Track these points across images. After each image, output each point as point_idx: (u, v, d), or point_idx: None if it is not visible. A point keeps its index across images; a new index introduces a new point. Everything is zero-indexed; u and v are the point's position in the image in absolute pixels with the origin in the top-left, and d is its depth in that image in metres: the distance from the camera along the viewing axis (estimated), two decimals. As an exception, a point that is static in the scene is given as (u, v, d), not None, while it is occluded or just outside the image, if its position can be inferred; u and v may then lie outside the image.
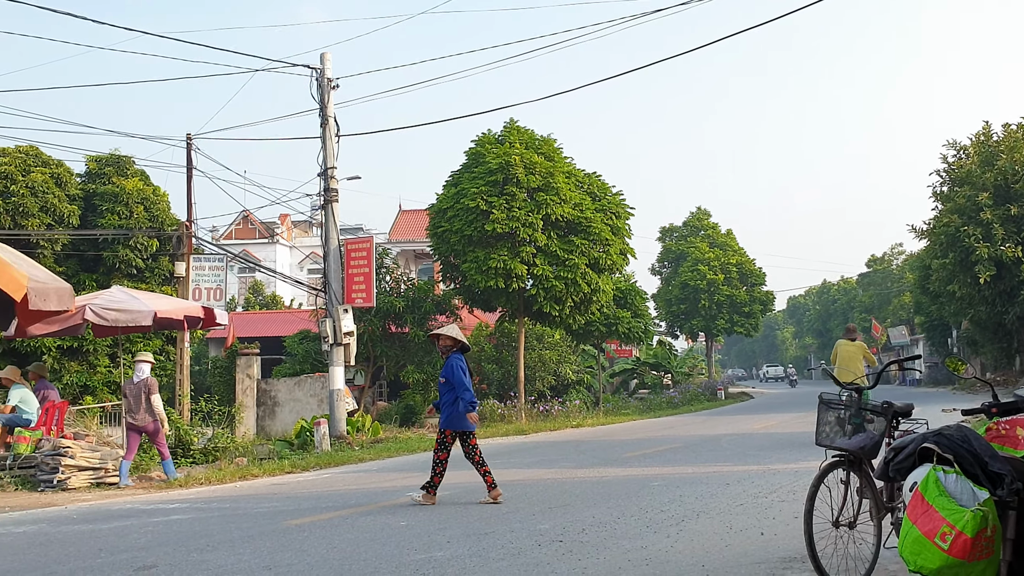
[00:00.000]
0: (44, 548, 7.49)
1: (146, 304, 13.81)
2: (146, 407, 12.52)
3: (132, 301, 13.84)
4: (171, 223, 23.18)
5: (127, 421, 12.76)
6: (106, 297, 13.88)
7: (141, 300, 14.02)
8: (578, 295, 23.16)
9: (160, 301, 14.76)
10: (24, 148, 21.90)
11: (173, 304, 14.98)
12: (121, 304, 13.56)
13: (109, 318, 13.23)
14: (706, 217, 51.23)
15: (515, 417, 23.72)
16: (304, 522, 8.42)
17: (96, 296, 14.11)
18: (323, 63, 19.29)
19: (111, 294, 14.19)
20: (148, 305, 13.77)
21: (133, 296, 14.24)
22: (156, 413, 12.57)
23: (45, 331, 13.54)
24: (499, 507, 9.02)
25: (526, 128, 24.28)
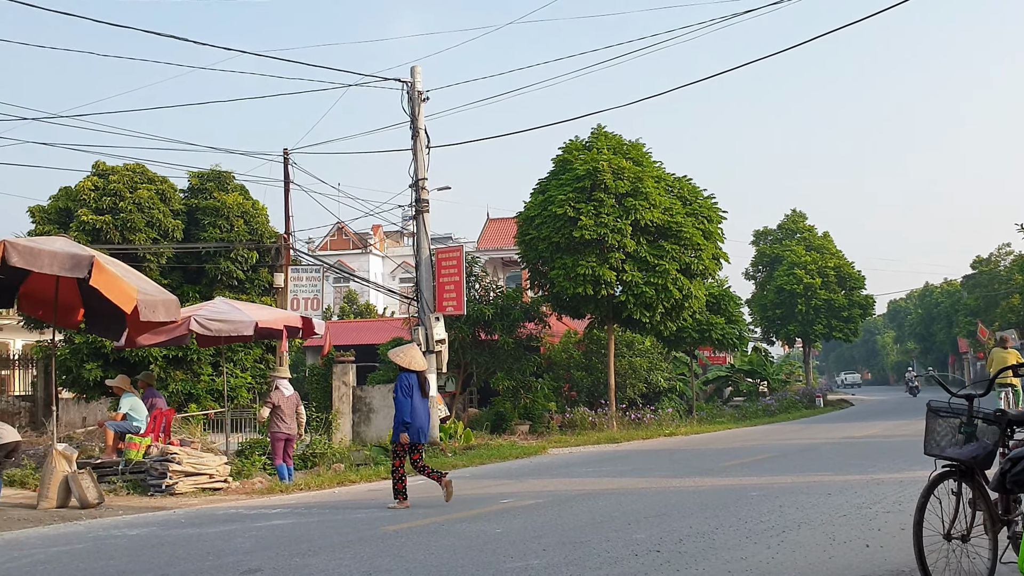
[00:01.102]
0: (156, 550, 7.79)
1: (247, 315, 14.29)
2: (294, 417, 13.64)
3: (234, 312, 14.33)
4: (270, 235, 23.85)
5: (278, 429, 13.57)
6: (210, 308, 14.42)
7: (242, 311, 14.51)
8: (669, 301, 22.87)
9: (260, 311, 15.26)
10: (131, 166, 22.86)
11: (273, 314, 15.46)
12: (224, 315, 14.06)
13: (212, 328, 13.74)
14: (802, 219, 49.97)
15: (606, 425, 23.58)
16: (402, 528, 8.54)
17: (200, 307, 14.66)
18: (413, 76, 19.60)
19: (214, 305, 14.72)
20: (249, 316, 14.25)
21: (235, 307, 14.74)
22: (301, 424, 13.75)
23: (153, 341, 14.14)
24: (594, 516, 8.96)
25: (614, 133, 24.15)
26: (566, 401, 26.19)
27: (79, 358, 20.93)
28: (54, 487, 11.13)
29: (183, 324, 13.30)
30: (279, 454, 13.64)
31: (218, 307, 14.51)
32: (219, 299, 15.77)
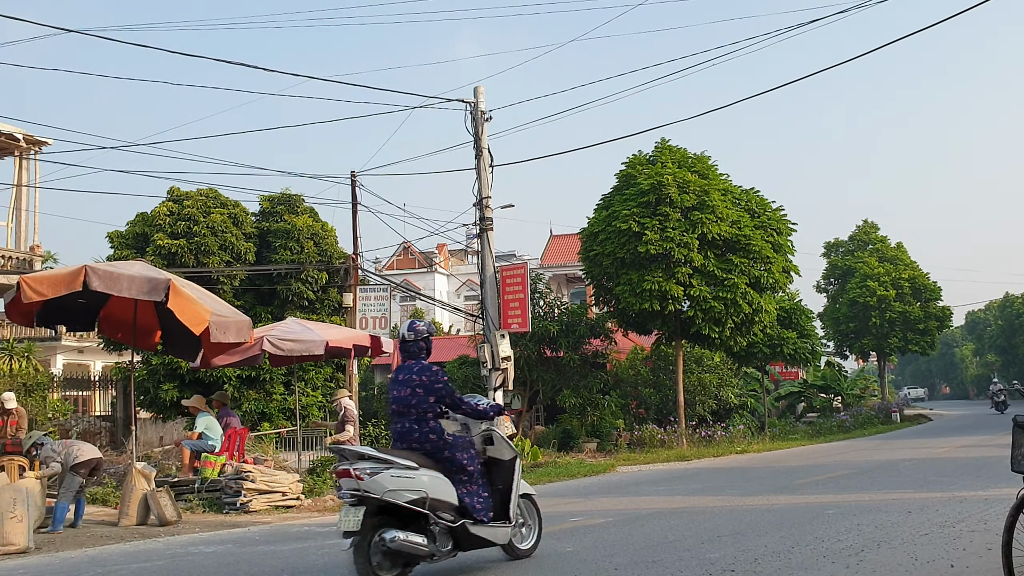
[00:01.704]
0: (232, 568, 7.93)
1: (318, 334, 14.55)
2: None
3: (305, 332, 14.61)
4: (338, 256, 24.25)
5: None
6: (282, 328, 14.73)
7: (314, 331, 14.78)
8: (739, 316, 22.52)
9: (331, 331, 15.53)
10: (204, 191, 23.54)
11: (343, 333, 15.71)
12: (296, 335, 14.35)
13: (285, 348, 14.03)
14: (874, 230, 48.81)
15: (675, 443, 23.27)
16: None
17: (272, 328, 14.99)
18: (476, 97, 19.77)
19: (286, 325, 15.03)
20: (320, 335, 14.51)
21: (306, 327, 15.03)
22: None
23: (227, 361, 14.46)
24: (666, 535, 8.84)
25: (678, 147, 23.94)
26: (634, 418, 25.94)
27: (156, 379, 21.53)
28: (134, 505, 11.43)
29: (257, 344, 13.59)
30: None
31: (290, 327, 14.81)
32: (291, 319, 16.11)
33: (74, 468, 11.02)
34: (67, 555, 9.13)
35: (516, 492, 7.35)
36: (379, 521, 6.38)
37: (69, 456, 11.04)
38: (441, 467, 6.84)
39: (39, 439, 11.43)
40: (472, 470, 6.99)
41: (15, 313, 11.67)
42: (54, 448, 11.20)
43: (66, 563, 8.58)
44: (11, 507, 9.27)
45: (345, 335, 15.54)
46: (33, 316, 12.04)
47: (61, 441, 11.47)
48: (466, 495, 6.87)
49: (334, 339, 14.72)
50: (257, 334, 13.70)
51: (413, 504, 6.44)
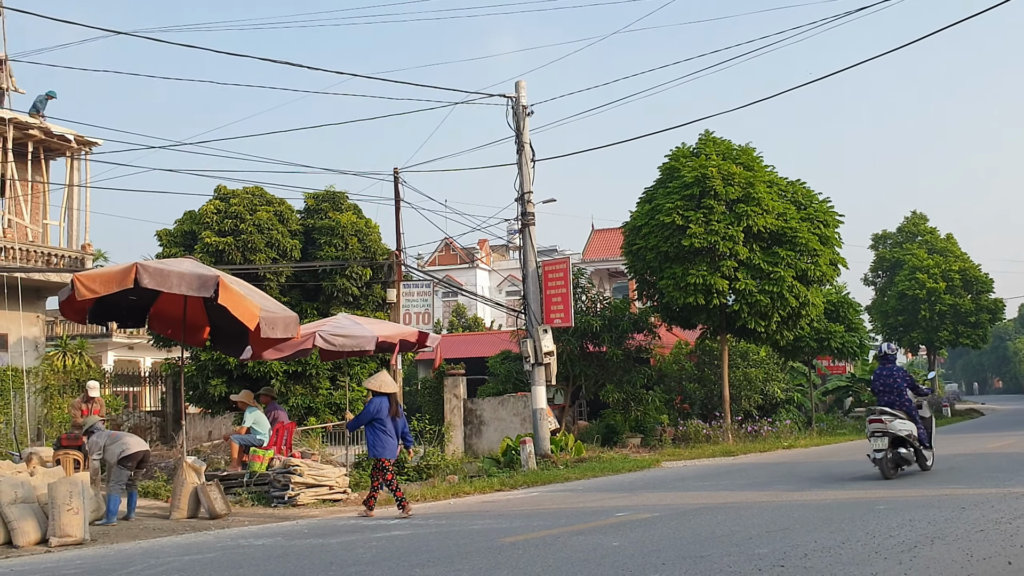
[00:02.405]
0: (281, 560, 8.02)
1: (368, 330, 14.68)
2: None
3: (356, 327, 14.74)
4: (382, 253, 24.41)
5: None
6: (333, 324, 14.87)
7: (364, 326, 14.92)
8: (785, 310, 22.24)
9: (381, 327, 15.66)
10: (251, 189, 23.84)
11: (391, 329, 15.84)
12: (346, 330, 14.48)
13: (336, 343, 14.14)
14: (923, 221, 47.93)
15: (721, 438, 23.07)
16: (518, 540, 8.54)
17: (324, 323, 15.15)
18: (518, 91, 19.75)
19: (337, 321, 15.17)
20: (370, 331, 14.64)
21: (357, 322, 15.17)
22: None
23: (278, 356, 14.62)
24: (713, 530, 8.76)
25: (722, 139, 23.70)
26: (679, 414, 25.76)
27: (205, 375, 21.87)
28: (185, 498, 11.63)
29: (308, 339, 13.71)
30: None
31: (341, 323, 14.94)
32: (342, 315, 16.24)
33: (121, 461, 11.22)
34: (121, 547, 9.32)
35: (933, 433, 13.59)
36: (893, 444, 12.77)
37: (115, 449, 11.25)
38: (909, 419, 13.00)
39: (95, 424, 11.68)
40: (919, 420, 13.16)
41: (69, 310, 11.94)
42: (99, 440, 11.41)
43: (121, 554, 8.75)
44: (67, 499, 9.48)
45: (394, 330, 15.66)
46: (86, 313, 12.30)
47: (109, 433, 11.67)
48: (919, 433, 13.07)
49: (384, 335, 14.83)
50: (308, 329, 13.84)
51: (907, 436, 12.81)
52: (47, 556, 8.84)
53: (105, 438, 11.47)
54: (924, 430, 13.13)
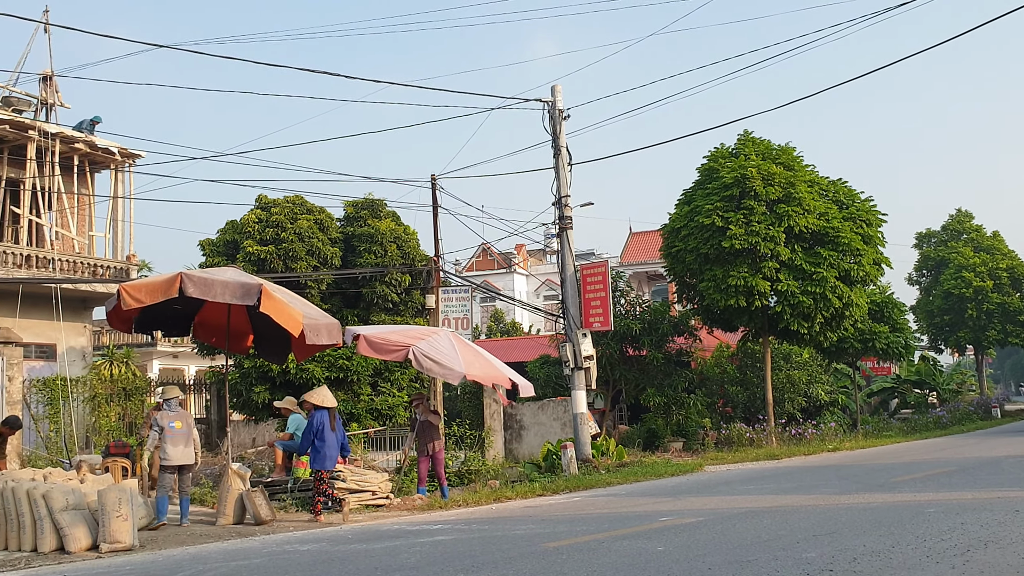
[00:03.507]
0: (327, 566, 8.08)
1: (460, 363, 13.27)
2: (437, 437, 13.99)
3: (451, 355, 13.37)
4: (421, 259, 24.51)
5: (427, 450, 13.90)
6: (431, 343, 13.54)
7: (459, 357, 13.47)
8: (828, 311, 21.94)
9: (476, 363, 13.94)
10: (291, 198, 24.07)
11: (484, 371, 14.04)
12: (441, 356, 13.25)
13: (425, 365, 13.11)
14: (968, 219, 46.94)
15: (764, 441, 22.81)
16: (561, 545, 8.52)
17: (423, 337, 13.77)
18: (554, 96, 19.75)
19: (437, 340, 13.74)
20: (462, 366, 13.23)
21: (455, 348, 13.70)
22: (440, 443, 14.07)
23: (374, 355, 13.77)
24: (759, 534, 8.66)
25: (762, 139, 23.46)
26: (721, 417, 25.51)
27: (248, 382, 22.11)
28: (230, 504, 11.76)
29: (402, 350, 13.23)
30: (425, 474, 14.01)
31: (439, 345, 13.58)
32: (444, 333, 14.58)
33: (164, 468, 11.42)
34: (169, 552, 9.45)
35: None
36: None
37: (160, 455, 11.44)
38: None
39: (155, 420, 11.72)
40: None
41: (116, 320, 12.16)
42: (153, 436, 11.58)
43: (169, 560, 8.87)
44: (117, 506, 9.63)
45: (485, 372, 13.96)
46: (132, 322, 12.53)
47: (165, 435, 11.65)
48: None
49: (474, 375, 13.53)
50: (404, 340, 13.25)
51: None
52: (98, 562, 8.99)
53: (154, 439, 11.61)
54: None
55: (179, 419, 11.68)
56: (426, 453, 13.99)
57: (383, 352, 13.52)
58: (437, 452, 14.04)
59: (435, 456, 14.01)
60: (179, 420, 11.67)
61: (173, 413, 11.67)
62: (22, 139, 23.66)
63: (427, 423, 14.10)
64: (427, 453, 13.99)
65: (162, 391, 12.34)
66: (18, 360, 19.24)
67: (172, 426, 11.52)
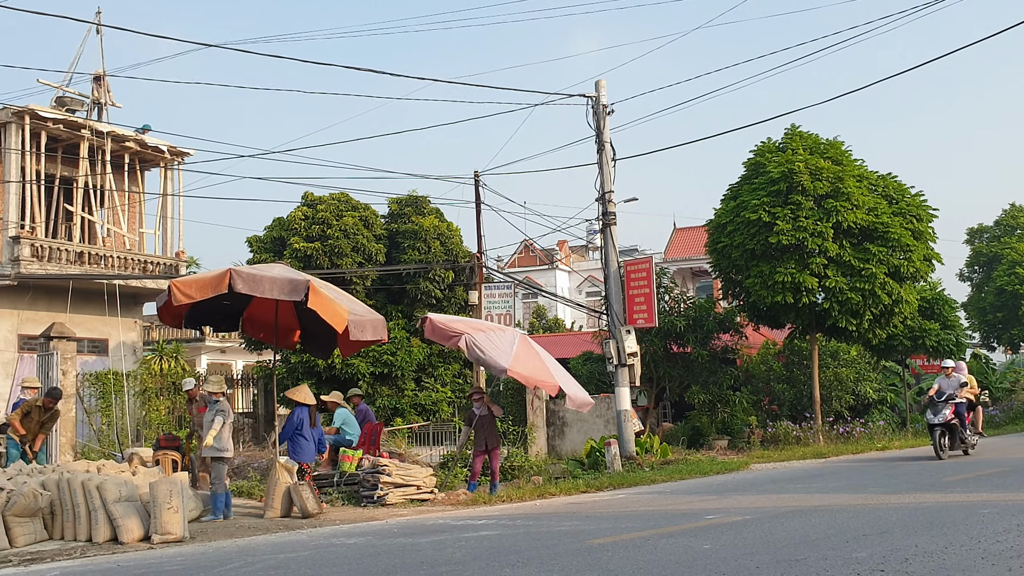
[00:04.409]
0: (373, 559, 8.15)
1: (508, 357, 13.16)
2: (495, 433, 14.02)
3: (500, 348, 13.21)
4: (464, 255, 24.63)
5: (479, 447, 14.00)
6: (486, 334, 13.53)
7: (506, 353, 13.23)
8: (877, 307, 21.56)
9: (524, 359, 13.66)
10: (337, 195, 24.35)
11: (529, 370, 13.74)
12: (489, 347, 13.15)
13: (473, 355, 13.17)
14: (1022, 214, 45.89)
15: (811, 439, 22.51)
16: (607, 542, 8.49)
17: (479, 329, 13.79)
18: (598, 91, 19.66)
19: (491, 332, 13.71)
20: (508, 360, 13.09)
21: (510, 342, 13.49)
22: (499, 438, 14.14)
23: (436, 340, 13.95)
24: (807, 533, 8.55)
25: (809, 133, 23.11)
26: (767, 415, 25.22)
27: (295, 377, 22.41)
28: (278, 498, 11.91)
29: (458, 337, 13.34)
30: (479, 469, 14.04)
31: (498, 340, 13.49)
32: (514, 332, 14.43)
33: (223, 460, 11.59)
34: (219, 544, 9.60)
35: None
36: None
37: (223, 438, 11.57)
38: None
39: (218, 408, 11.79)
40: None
41: (166, 315, 12.38)
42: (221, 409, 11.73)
43: (219, 552, 9.02)
44: (168, 498, 9.81)
45: (529, 372, 13.63)
46: (182, 318, 12.74)
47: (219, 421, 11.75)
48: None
49: (518, 372, 13.26)
50: (459, 327, 13.28)
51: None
52: (150, 552, 9.17)
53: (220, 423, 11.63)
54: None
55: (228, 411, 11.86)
56: (483, 448, 13.99)
57: (441, 337, 13.61)
58: (494, 447, 14.08)
59: (492, 451, 14.04)
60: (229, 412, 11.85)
61: (227, 403, 11.86)
62: (75, 138, 24.21)
63: (487, 417, 14.09)
64: (484, 448, 13.99)
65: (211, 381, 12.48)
66: (72, 355, 19.66)
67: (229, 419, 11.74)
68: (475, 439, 14.21)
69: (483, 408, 14.22)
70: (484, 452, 14.03)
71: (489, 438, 14.07)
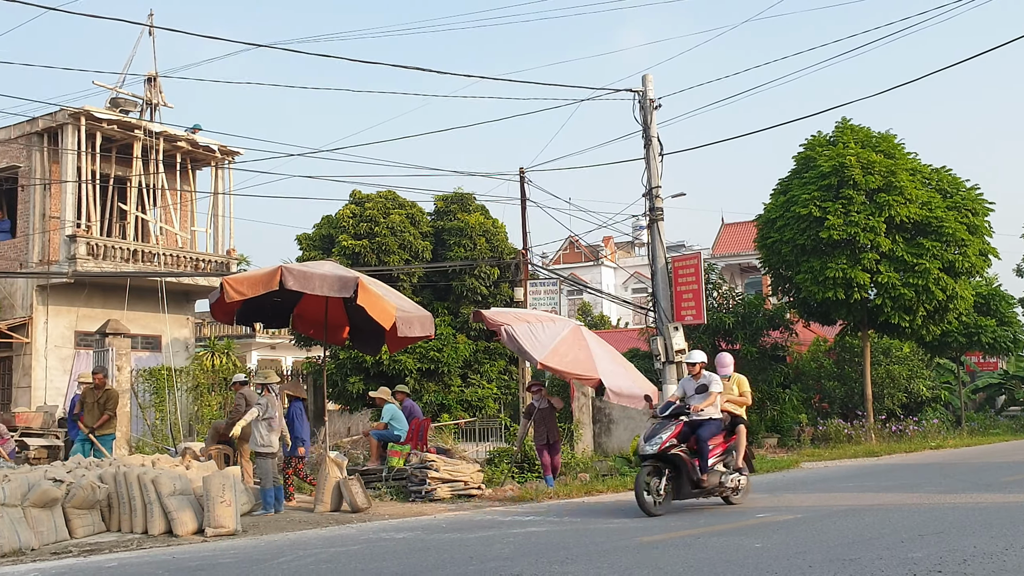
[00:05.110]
0: (423, 554, 8.20)
1: (544, 348, 13.17)
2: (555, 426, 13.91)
3: (540, 340, 13.27)
4: (509, 252, 24.66)
5: (541, 441, 14.00)
6: (528, 325, 13.51)
7: (544, 344, 13.27)
8: (931, 303, 21.13)
9: (561, 350, 13.64)
10: (384, 193, 24.53)
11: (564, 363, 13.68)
12: (527, 336, 13.18)
13: (510, 344, 13.19)
14: (1082, 208, 44.57)
15: (863, 438, 22.14)
16: (656, 539, 8.44)
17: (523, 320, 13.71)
18: (645, 85, 19.51)
19: (541, 329, 13.59)
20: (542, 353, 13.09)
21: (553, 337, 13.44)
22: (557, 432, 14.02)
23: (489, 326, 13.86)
24: (861, 532, 8.41)
25: (861, 126, 22.71)
26: (817, 413, 24.87)
27: (343, 372, 22.63)
28: (328, 492, 12.03)
29: (500, 327, 13.39)
30: (548, 463, 13.99)
31: (541, 332, 13.42)
32: (566, 323, 14.45)
33: (266, 455, 11.68)
34: (271, 538, 9.74)
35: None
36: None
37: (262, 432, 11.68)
38: None
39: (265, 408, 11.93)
40: None
41: (219, 312, 12.60)
42: (259, 401, 11.85)
43: (271, 545, 9.15)
44: (220, 492, 9.97)
45: (565, 366, 13.58)
46: (234, 314, 12.95)
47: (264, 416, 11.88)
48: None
49: (553, 364, 13.30)
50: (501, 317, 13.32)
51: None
52: (204, 545, 9.33)
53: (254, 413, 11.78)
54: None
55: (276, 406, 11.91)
56: (544, 441, 13.95)
57: (490, 325, 13.64)
58: (555, 440, 14.07)
59: (552, 445, 14.01)
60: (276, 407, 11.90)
61: (274, 398, 11.87)
62: (128, 138, 24.71)
63: (547, 410, 13.99)
64: (546, 441, 13.95)
65: (261, 374, 12.67)
66: (126, 351, 20.08)
67: (275, 414, 11.79)
68: (535, 432, 14.17)
69: (542, 401, 14.15)
70: (546, 445, 14.00)
71: (550, 431, 14.01)
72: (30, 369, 22.94)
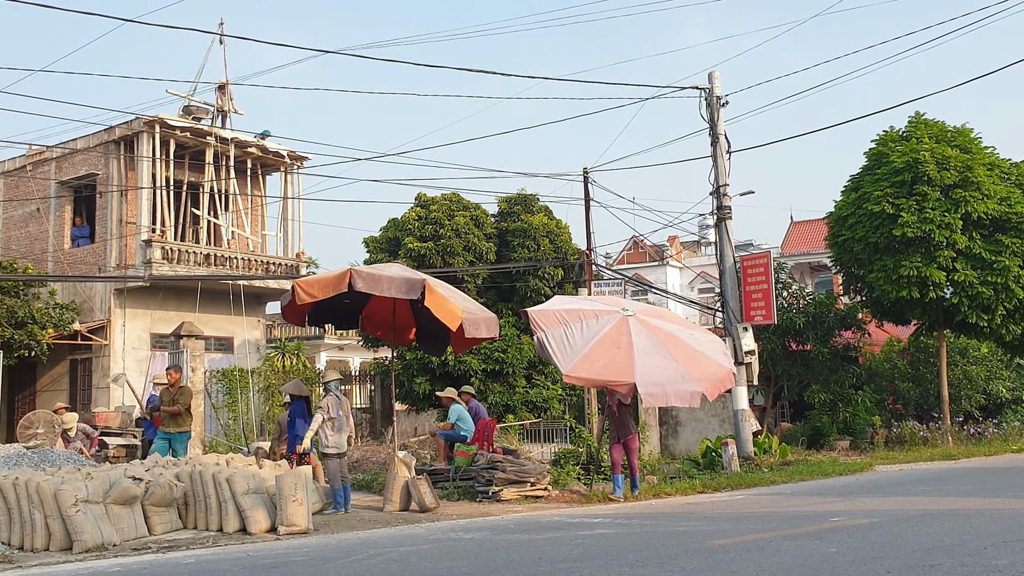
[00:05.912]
0: (492, 554, 8.22)
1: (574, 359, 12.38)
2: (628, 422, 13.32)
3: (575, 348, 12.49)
4: (573, 252, 24.58)
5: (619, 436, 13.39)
6: (571, 330, 12.81)
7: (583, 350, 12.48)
8: (1011, 302, 20.41)
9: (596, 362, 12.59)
10: (448, 196, 24.68)
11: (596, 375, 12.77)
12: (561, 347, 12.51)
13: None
14: None
15: (939, 440, 21.49)
16: (728, 543, 8.32)
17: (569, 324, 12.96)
18: (711, 82, 19.30)
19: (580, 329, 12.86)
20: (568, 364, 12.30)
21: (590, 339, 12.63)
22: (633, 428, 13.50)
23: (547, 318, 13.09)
24: (940, 538, 8.17)
25: (935, 120, 22.06)
26: (891, 415, 24.23)
27: (410, 373, 22.83)
28: (397, 492, 12.17)
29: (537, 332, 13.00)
30: (618, 463, 13.29)
31: (577, 332, 12.74)
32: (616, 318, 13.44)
33: (329, 456, 11.85)
34: (342, 536, 9.88)
35: None
36: None
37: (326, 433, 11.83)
38: None
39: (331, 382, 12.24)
40: None
41: (290, 314, 12.81)
42: (320, 405, 12.00)
43: (342, 544, 9.27)
44: (293, 491, 10.15)
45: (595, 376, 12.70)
46: (305, 316, 13.16)
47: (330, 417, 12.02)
48: None
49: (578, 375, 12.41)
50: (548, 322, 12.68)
51: None
52: (277, 543, 9.50)
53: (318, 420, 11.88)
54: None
55: (340, 405, 12.01)
56: (618, 439, 13.28)
57: (533, 328, 13.06)
58: (631, 439, 13.38)
59: (628, 444, 13.31)
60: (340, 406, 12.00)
61: (335, 399, 12.00)
62: (200, 145, 25.37)
63: (626, 407, 13.37)
64: (619, 439, 13.27)
65: (323, 374, 12.95)
66: (200, 352, 20.62)
67: (339, 414, 11.96)
68: (611, 430, 13.65)
69: (613, 397, 13.57)
70: (621, 443, 13.34)
71: (621, 428, 13.25)
72: (109, 370, 23.71)
